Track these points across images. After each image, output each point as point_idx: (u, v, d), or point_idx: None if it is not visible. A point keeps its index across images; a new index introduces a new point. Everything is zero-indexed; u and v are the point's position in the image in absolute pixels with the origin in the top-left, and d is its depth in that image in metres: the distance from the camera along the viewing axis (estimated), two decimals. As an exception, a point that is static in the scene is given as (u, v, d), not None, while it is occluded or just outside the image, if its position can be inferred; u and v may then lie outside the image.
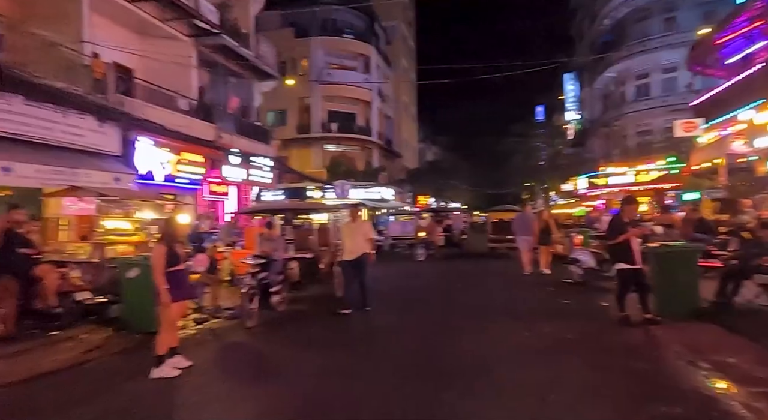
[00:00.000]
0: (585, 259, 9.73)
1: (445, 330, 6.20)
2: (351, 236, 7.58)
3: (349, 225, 7.88)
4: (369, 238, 7.64)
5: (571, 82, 38.86)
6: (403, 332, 6.18)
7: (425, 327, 6.41)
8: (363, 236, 7.51)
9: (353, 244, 7.48)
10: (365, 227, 7.89)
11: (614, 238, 5.97)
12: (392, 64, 41.38)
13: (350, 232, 7.66)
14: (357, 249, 7.42)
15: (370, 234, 7.75)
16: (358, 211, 8.12)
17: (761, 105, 11.64)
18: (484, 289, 9.86)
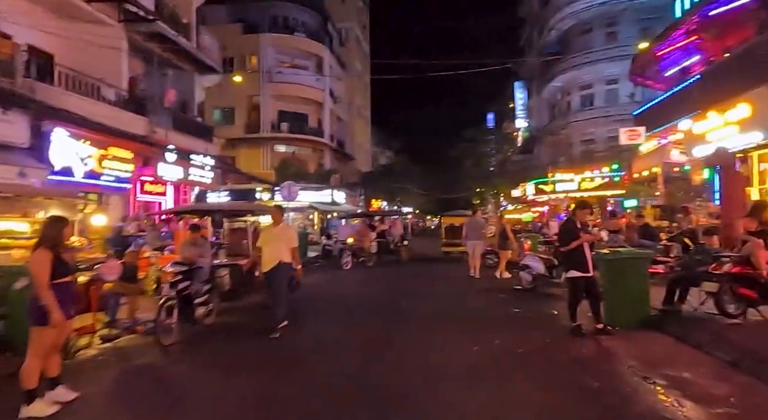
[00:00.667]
0: (535, 265, 9.56)
1: (389, 345, 5.66)
2: (270, 243, 6.33)
3: (269, 230, 6.63)
4: (292, 246, 6.37)
5: (521, 90, 39.90)
6: (342, 349, 5.58)
7: (367, 342, 5.84)
8: (285, 244, 6.30)
9: (271, 253, 6.23)
10: (287, 233, 6.51)
11: (566, 244, 5.70)
12: (346, 66, 40.81)
13: (270, 238, 6.39)
14: (274, 259, 6.19)
15: (294, 242, 6.45)
16: (281, 213, 6.77)
17: (698, 115, 12.06)
18: (432, 297, 9.42)
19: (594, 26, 30.83)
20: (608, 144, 29.79)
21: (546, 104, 36.25)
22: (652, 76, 17.30)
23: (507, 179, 36.04)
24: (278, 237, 6.29)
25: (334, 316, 7.77)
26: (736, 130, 10.57)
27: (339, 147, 37.70)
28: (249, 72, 31.64)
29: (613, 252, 6.13)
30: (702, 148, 12.02)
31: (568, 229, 5.77)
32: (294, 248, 6.36)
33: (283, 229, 6.51)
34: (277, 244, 6.22)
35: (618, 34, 29.84)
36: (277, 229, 6.44)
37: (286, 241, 6.31)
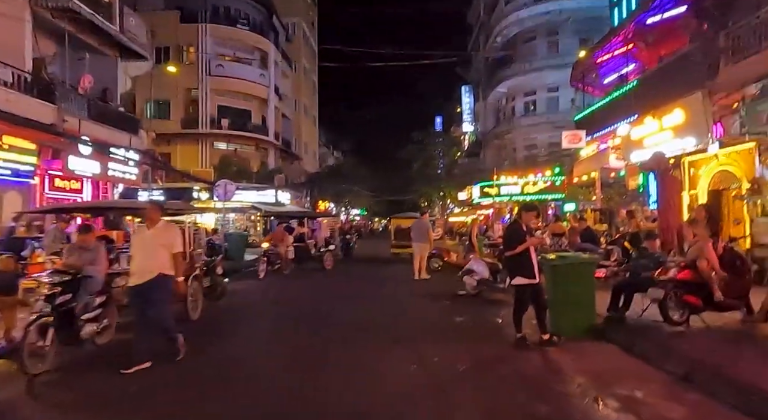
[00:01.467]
0: (480, 269, 9.18)
1: (316, 365, 4.94)
2: (143, 250, 4.96)
3: (141, 233, 5.34)
4: (174, 252, 4.99)
5: (468, 95, 40.40)
6: (259, 371, 4.78)
7: (290, 362, 5.09)
8: (164, 250, 4.94)
9: (144, 263, 4.87)
10: (167, 236, 5.06)
11: (512, 248, 5.26)
12: (293, 63, 39.56)
13: (142, 244, 5.04)
14: (147, 270, 4.82)
15: (176, 246, 5.04)
16: (158, 211, 5.24)
17: (635, 120, 12.29)
18: (371, 305, 8.74)
19: (537, 35, 31.68)
20: (550, 149, 30.75)
21: (492, 109, 36.89)
22: (591, 83, 17.75)
23: (454, 182, 36.32)
24: (154, 242, 4.94)
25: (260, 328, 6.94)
26: (671, 136, 10.79)
27: (284, 146, 36.39)
28: (187, 64, 29.78)
29: (559, 257, 5.78)
30: (639, 152, 12.24)
31: (513, 232, 5.33)
32: (176, 254, 5.02)
33: (161, 231, 5.03)
34: (152, 251, 4.88)
35: (559, 43, 30.84)
36: (152, 231, 5.02)
37: (166, 246, 4.96)
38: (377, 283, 11.90)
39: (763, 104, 8.39)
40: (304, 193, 36.79)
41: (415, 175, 38.65)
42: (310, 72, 44.79)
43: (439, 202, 39.14)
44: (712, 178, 11.58)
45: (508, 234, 5.41)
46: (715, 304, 5.30)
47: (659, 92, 11.04)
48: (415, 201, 44.83)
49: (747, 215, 10.25)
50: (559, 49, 30.59)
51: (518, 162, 31.46)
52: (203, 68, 29.65)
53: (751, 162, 10.10)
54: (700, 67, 9.50)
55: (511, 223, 5.51)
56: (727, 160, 10.92)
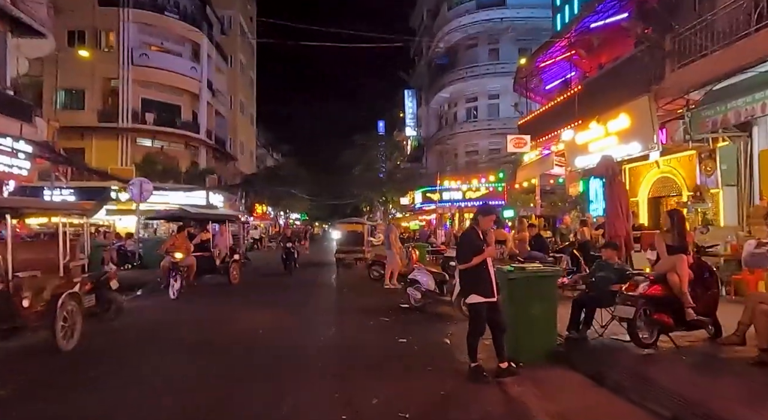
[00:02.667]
0: (424, 280, 8.34)
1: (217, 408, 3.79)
2: None
3: None
4: None
5: (411, 99, 40.14)
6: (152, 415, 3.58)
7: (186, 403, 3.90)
8: None
9: None
10: None
11: (466, 259, 4.39)
12: (228, 58, 37.33)
13: None
14: None
15: None
16: None
17: (579, 125, 12.09)
18: (295, 324, 7.51)
19: (479, 41, 31.95)
20: (490, 155, 31.02)
21: (434, 114, 36.82)
22: (533, 89, 17.71)
23: (396, 187, 35.78)
24: None
25: (125, 373, 5.55)
26: (616, 141, 10.60)
27: (218, 145, 34.09)
28: (105, 51, 26.97)
29: (517, 269, 4.99)
30: (583, 158, 12.06)
31: (468, 240, 4.47)
32: None
33: None
34: None
35: (500, 51, 31.28)
36: None
37: None
38: (306, 294, 10.73)
39: (707, 110, 8.26)
40: (239, 196, 34.65)
41: (356, 179, 37.72)
42: (247, 68, 42.61)
43: (381, 207, 38.42)
44: (652, 185, 11.61)
45: (462, 243, 4.54)
46: (687, 323, 4.75)
47: (604, 97, 10.85)
48: (357, 205, 43.87)
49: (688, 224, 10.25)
50: (499, 57, 31.02)
51: (460, 167, 31.48)
52: (125, 56, 26.95)
53: (691, 169, 10.11)
54: (646, 71, 9.32)
55: (465, 231, 4.65)
56: (668, 167, 10.94)
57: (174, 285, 9.61)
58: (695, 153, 9.78)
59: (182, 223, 11.15)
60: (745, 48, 7.27)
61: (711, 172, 9.40)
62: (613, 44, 13.46)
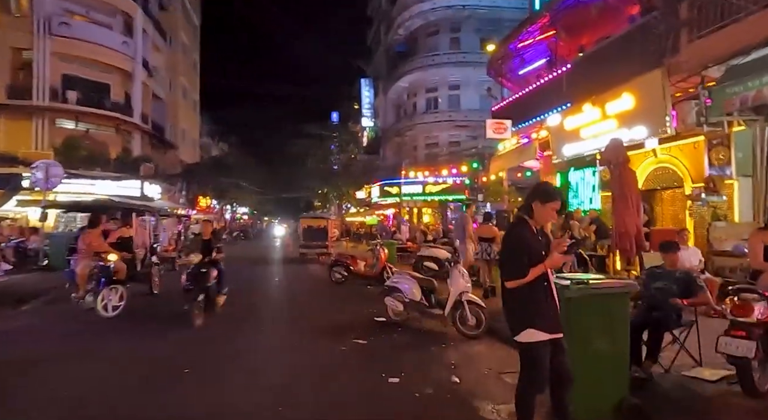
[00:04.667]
0: (406, 287, 6.65)
1: None
2: None
3: None
4: None
5: (367, 88, 38.33)
6: None
7: None
8: None
9: None
10: None
11: (519, 272, 2.71)
12: (168, 36, 33.83)
13: None
14: None
15: None
16: None
17: (569, 109, 10.84)
18: (240, 358, 5.27)
19: (440, 29, 30.69)
20: (451, 148, 29.88)
21: (392, 104, 35.27)
22: (506, 74, 16.47)
23: (351, 180, 33.99)
24: None
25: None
26: (615, 125, 9.38)
27: (156, 131, 30.72)
28: (16, 16, 23.17)
29: (574, 282, 3.35)
30: (572, 146, 10.83)
31: (518, 242, 2.76)
32: None
33: None
34: None
35: (461, 40, 30.17)
36: None
37: None
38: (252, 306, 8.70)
39: (734, 86, 7.12)
40: (179, 187, 31.54)
41: (309, 171, 35.52)
42: (190, 50, 39.07)
43: (336, 201, 36.45)
44: (646, 177, 10.54)
45: (510, 246, 2.84)
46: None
47: (601, 75, 9.59)
48: (310, 199, 41.64)
49: (691, 219, 9.22)
50: (461, 46, 29.91)
51: (419, 160, 30.12)
52: (41, 24, 23.29)
53: (697, 158, 9.05)
54: (656, 43, 8.09)
55: (512, 227, 2.96)
56: (667, 156, 9.87)
57: (108, 298, 7.16)
58: (703, 139, 8.72)
59: (95, 216, 8.67)
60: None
61: (724, 160, 8.36)
62: (598, 23, 12.36)
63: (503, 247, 2.93)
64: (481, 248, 8.69)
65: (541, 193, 2.87)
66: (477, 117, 28.78)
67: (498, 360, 4.99)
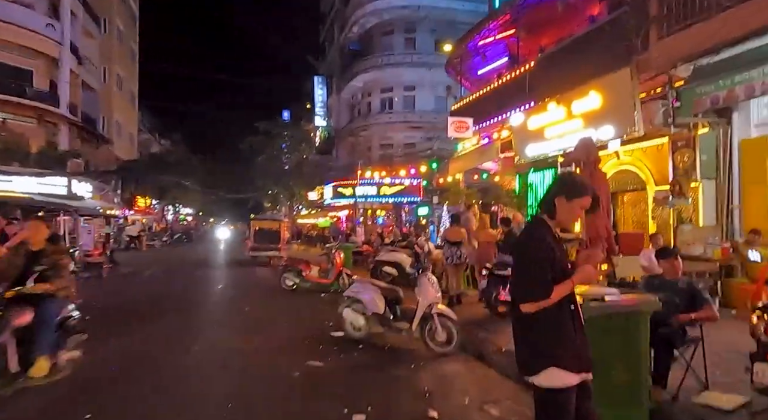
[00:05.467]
0: (368, 298, 5.88)
1: None
2: None
3: None
4: None
5: (321, 86, 37.23)
6: None
7: None
8: None
9: None
10: None
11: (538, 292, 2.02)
12: (102, 21, 31.18)
13: None
14: None
15: None
16: None
17: (532, 108, 10.51)
18: (179, 383, 4.54)
19: (395, 29, 30.29)
20: (406, 149, 29.44)
21: (346, 104, 34.46)
22: (465, 73, 16.13)
23: (303, 180, 32.81)
24: None
25: None
26: (581, 125, 9.10)
27: (86, 124, 28.07)
28: None
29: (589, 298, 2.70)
30: (537, 146, 10.51)
31: (535, 253, 2.03)
32: None
33: None
34: None
35: (416, 41, 29.90)
36: None
37: None
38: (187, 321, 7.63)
39: (705, 85, 6.95)
40: (113, 185, 29.08)
41: (259, 170, 33.95)
42: (128, 38, 36.29)
43: (287, 201, 35.07)
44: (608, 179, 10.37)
45: (525, 259, 2.11)
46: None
47: (566, 73, 9.30)
48: (259, 200, 39.91)
49: (654, 222, 9.09)
50: (416, 47, 29.64)
51: (374, 161, 29.45)
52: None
53: (661, 160, 8.92)
54: (624, 40, 7.83)
55: (526, 233, 2.25)
56: (629, 158, 9.74)
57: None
58: (667, 142, 8.60)
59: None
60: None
61: (688, 163, 8.24)
62: (559, 24, 12.21)
63: (517, 258, 2.23)
64: (450, 252, 8.07)
65: (567, 186, 2.20)
66: (432, 119, 28.59)
67: (477, 385, 4.34)
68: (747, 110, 7.80)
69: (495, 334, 5.83)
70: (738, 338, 4.69)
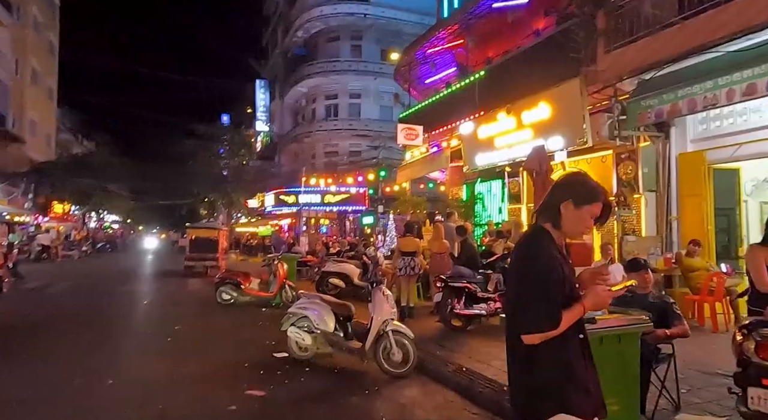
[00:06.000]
0: (315, 314, 5.32)
1: None
2: None
3: None
4: None
5: (263, 90, 35.99)
6: None
7: None
8: None
9: None
10: None
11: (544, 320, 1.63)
12: (14, 8, 28.19)
13: None
14: None
15: None
16: None
17: (482, 117, 10.47)
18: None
19: (341, 35, 30.00)
20: (351, 158, 29.01)
21: (290, 109, 33.54)
22: (413, 82, 16.02)
23: (243, 187, 31.35)
24: None
25: None
26: (530, 135, 9.12)
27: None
28: None
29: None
30: (487, 155, 10.46)
31: (540, 263, 1.67)
32: None
33: None
34: None
35: (362, 49, 29.75)
36: None
37: None
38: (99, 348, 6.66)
39: (650, 99, 7.11)
40: (24, 189, 26.21)
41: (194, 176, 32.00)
42: (45, 28, 33.13)
43: (225, 209, 33.34)
44: (554, 189, 10.52)
45: (529, 275, 1.74)
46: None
47: (515, 83, 9.31)
48: (194, 207, 37.68)
49: (598, 233, 9.23)
50: (362, 55, 29.47)
51: (318, 168, 28.73)
52: None
53: (605, 172, 9.11)
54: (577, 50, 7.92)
55: (529, 240, 1.88)
56: (575, 169, 9.88)
57: None
58: (611, 154, 8.80)
59: None
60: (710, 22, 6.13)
61: (631, 175, 8.46)
62: (505, 36, 12.38)
63: (516, 276, 1.83)
64: (403, 263, 7.67)
65: (576, 189, 1.84)
66: (377, 127, 28.44)
67: (438, 413, 3.93)
68: (683, 125, 8.13)
69: (452, 352, 5.48)
70: (692, 351, 4.66)
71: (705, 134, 7.94)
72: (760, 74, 5.70)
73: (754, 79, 5.78)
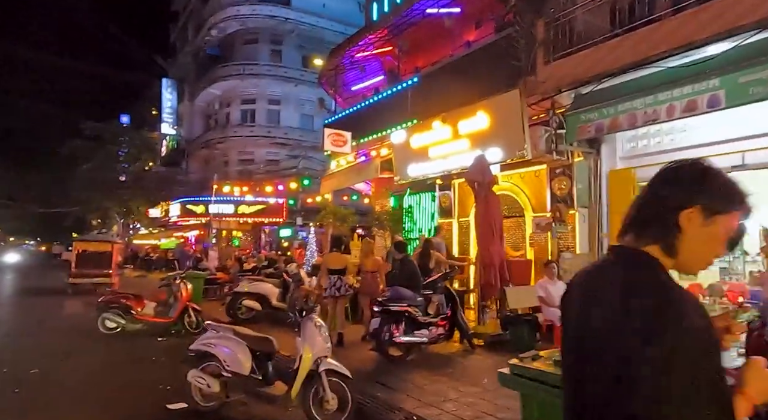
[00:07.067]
0: (227, 352, 4.17)
1: None
2: None
3: None
4: None
5: (170, 90, 32.97)
6: None
7: None
8: None
9: None
10: None
11: None
12: None
13: None
14: None
15: None
16: None
17: (415, 126, 9.92)
18: None
19: (260, 38, 28.52)
20: (268, 166, 27.34)
21: (201, 112, 31.07)
22: (338, 88, 15.23)
23: (144, 195, 28.24)
24: None
25: None
26: (467, 145, 8.69)
27: None
28: None
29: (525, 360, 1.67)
30: (420, 166, 9.88)
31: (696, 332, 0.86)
32: None
33: None
34: None
35: (283, 54, 28.52)
36: None
37: None
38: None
39: (589, 112, 6.96)
40: None
41: (83, 181, 28.21)
42: None
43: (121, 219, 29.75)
44: (486, 203, 10.21)
45: (662, 351, 0.85)
46: None
47: (450, 92, 8.89)
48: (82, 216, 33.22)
49: (532, 248, 9.02)
50: (282, 60, 28.20)
51: (231, 176, 26.68)
52: None
53: (539, 187, 8.95)
54: (516, 59, 7.64)
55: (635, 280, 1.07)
56: (508, 183, 9.66)
57: None
58: (545, 168, 8.65)
59: None
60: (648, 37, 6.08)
61: (565, 190, 8.33)
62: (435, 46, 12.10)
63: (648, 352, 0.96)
64: (330, 282, 6.70)
65: (712, 187, 1.06)
66: (297, 136, 27.20)
67: None
68: (613, 142, 8.18)
69: (396, 391, 4.62)
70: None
71: (633, 152, 8.03)
72: (700, 91, 5.68)
73: (694, 96, 5.75)
